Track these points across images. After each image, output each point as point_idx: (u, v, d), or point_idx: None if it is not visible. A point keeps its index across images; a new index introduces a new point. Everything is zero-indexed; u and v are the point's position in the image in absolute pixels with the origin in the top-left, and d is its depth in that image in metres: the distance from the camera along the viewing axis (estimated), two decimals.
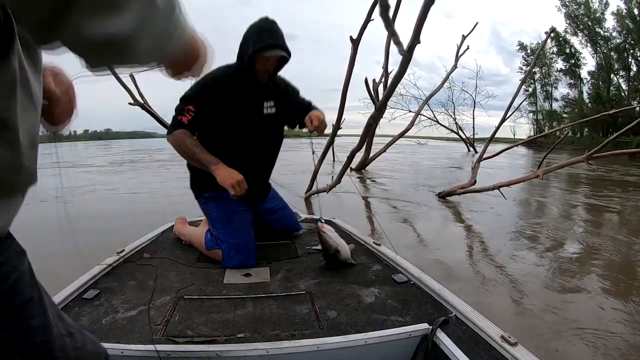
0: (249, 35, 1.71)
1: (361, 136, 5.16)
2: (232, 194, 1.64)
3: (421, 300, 1.34)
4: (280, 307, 1.31)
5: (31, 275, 0.60)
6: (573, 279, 2.87)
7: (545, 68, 38.22)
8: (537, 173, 4.91)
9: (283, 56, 1.76)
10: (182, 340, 1.08)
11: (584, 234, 4.27)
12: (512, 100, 6.56)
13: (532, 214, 5.44)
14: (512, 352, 0.96)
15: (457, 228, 4.60)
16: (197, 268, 1.69)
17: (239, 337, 1.11)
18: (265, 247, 1.89)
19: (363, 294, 1.40)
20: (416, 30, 3.59)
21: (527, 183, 6.53)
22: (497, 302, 2.48)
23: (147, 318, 1.19)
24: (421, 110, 11.95)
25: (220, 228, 1.78)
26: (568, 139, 32.71)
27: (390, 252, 1.76)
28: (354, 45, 5.00)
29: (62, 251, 2.56)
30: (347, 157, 5.55)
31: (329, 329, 1.16)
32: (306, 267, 1.68)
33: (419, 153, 19.81)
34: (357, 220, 4.58)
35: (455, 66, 10.40)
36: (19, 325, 0.57)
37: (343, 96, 5.46)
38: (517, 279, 2.82)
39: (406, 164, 13.46)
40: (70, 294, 1.32)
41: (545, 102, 39.75)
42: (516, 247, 3.70)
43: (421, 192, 7.12)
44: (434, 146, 27.69)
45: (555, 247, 3.73)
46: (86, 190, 7.04)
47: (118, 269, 1.61)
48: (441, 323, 1.12)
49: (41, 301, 0.61)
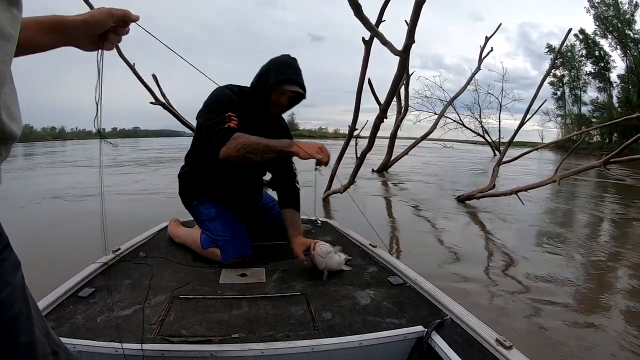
0: (270, 66, 1.74)
1: (370, 136, 5.20)
2: (320, 159, 1.51)
3: (416, 302, 1.34)
4: (276, 307, 1.31)
5: (22, 289, 0.58)
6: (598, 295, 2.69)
7: (574, 71, 37.36)
8: (554, 178, 4.83)
9: (300, 94, 1.78)
10: (176, 340, 1.08)
11: (608, 243, 4.08)
12: (531, 103, 6.40)
13: (551, 220, 5.29)
14: (507, 355, 0.96)
15: (469, 232, 4.55)
16: (192, 267, 1.69)
17: (233, 337, 1.11)
18: (261, 248, 1.88)
19: (358, 296, 1.40)
20: (410, 30, 3.55)
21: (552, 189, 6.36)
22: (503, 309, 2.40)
23: (142, 317, 1.19)
24: (444, 112, 11.87)
25: (213, 226, 1.80)
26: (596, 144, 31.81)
27: (386, 254, 1.77)
28: (367, 46, 4.98)
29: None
30: (359, 158, 5.55)
31: (324, 330, 1.16)
32: (302, 268, 1.68)
33: (444, 156, 19.71)
34: (364, 220, 4.47)
35: (478, 68, 10.28)
36: (4, 344, 0.54)
37: (358, 98, 5.47)
38: (531, 293, 2.67)
39: (430, 167, 13.45)
40: (65, 291, 1.31)
41: (573, 106, 38.84)
42: (530, 254, 3.59)
43: (441, 195, 7.12)
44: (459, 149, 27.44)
45: (575, 256, 3.55)
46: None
47: (114, 267, 1.61)
48: (436, 325, 1.13)
49: (29, 316, 0.59)
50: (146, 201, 5.98)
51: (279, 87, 1.72)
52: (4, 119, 0.46)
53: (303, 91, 1.78)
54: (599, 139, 34.72)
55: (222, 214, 1.85)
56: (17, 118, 0.49)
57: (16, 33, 0.47)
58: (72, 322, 1.14)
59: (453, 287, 2.67)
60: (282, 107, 1.83)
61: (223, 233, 1.75)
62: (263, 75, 1.74)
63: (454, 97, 11.72)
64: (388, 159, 10.62)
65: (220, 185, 1.87)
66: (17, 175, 9.95)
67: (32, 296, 0.62)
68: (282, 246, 1.97)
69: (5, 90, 0.47)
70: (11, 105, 0.48)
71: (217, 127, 1.60)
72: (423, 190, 7.65)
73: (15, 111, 0.49)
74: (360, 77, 5.24)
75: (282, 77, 1.70)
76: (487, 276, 2.99)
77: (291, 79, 1.72)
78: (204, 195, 1.89)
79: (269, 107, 1.79)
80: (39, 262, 2.74)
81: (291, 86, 1.73)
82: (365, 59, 5.11)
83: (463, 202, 6.09)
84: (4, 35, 0.44)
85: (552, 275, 2.96)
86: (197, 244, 1.81)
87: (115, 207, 5.14)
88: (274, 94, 1.75)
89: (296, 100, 1.84)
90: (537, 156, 18.33)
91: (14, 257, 0.57)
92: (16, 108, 0.50)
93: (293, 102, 1.86)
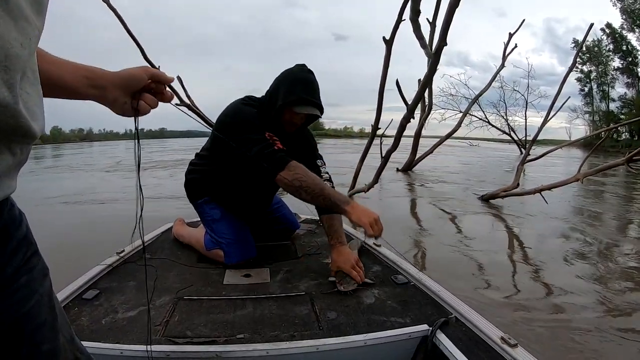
0: (282, 82, 1.60)
1: (395, 136, 5.21)
2: (369, 234, 1.43)
3: (421, 301, 1.34)
4: (280, 307, 1.31)
5: (49, 296, 0.57)
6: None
7: (602, 67, 36.24)
8: (577, 177, 4.78)
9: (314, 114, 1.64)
10: (181, 341, 1.08)
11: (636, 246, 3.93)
12: (555, 99, 6.31)
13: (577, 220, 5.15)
14: (512, 354, 0.96)
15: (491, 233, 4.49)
16: (197, 268, 1.69)
17: (238, 337, 1.11)
18: (265, 248, 1.88)
19: (363, 295, 1.40)
20: (442, 33, 3.58)
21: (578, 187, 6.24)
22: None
23: (146, 318, 1.17)
24: (469, 110, 11.74)
25: (217, 228, 1.78)
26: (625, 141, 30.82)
27: (390, 253, 1.76)
28: (388, 46, 4.99)
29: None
30: (383, 157, 5.57)
31: (329, 330, 1.16)
32: (306, 268, 1.68)
33: (470, 155, 19.45)
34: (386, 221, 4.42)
35: (502, 65, 10.04)
36: (29, 352, 0.53)
37: (380, 98, 5.49)
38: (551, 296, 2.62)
39: (455, 165, 13.29)
40: (70, 294, 1.32)
41: (601, 103, 37.63)
42: (554, 255, 3.52)
43: (466, 193, 7.05)
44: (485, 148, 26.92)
45: (601, 261, 3.38)
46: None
47: (118, 269, 1.61)
48: (441, 324, 1.12)
49: (54, 324, 0.58)
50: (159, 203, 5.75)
51: (290, 109, 1.59)
52: (22, 111, 0.43)
53: (319, 110, 1.63)
54: (627, 136, 33.64)
55: (227, 215, 1.82)
56: (38, 119, 0.47)
57: (40, 23, 0.46)
58: (77, 325, 1.15)
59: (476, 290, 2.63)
60: (297, 126, 1.68)
61: (227, 235, 1.73)
62: (273, 94, 1.61)
63: (479, 95, 11.54)
64: (413, 158, 10.57)
65: (234, 195, 1.82)
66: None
67: (59, 301, 0.61)
68: (286, 246, 1.98)
69: (28, 91, 0.45)
70: (33, 105, 0.46)
71: (268, 149, 1.49)
72: (447, 189, 7.54)
73: (37, 111, 0.47)
74: (382, 76, 5.25)
75: (291, 98, 1.55)
76: (511, 283, 2.89)
77: (302, 99, 1.56)
78: (209, 195, 1.85)
79: (283, 127, 1.66)
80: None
81: (303, 108, 1.58)
82: (386, 58, 5.13)
83: (487, 201, 6.04)
84: (23, 17, 0.41)
85: (576, 281, 2.85)
86: (200, 244, 1.81)
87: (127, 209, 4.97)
88: (286, 114, 1.61)
89: (314, 117, 1.69)
90: (565, 154, 17.91)
91: (42, 263, 0.57)
92: (38, 109, 0.48)
93: (310, 119, 1.74)
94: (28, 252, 0.53)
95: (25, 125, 0.43)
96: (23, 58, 0.41)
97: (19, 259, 0.51)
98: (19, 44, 0.40)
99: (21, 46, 0.41)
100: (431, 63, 3.96)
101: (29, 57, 0.44)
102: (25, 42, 0.42)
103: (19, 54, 0.40)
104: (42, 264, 0.56)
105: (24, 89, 0.44)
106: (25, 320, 0.52)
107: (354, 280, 1.45)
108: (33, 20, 0.43)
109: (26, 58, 0.42)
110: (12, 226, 0.51)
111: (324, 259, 1.77)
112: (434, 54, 3.67)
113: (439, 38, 3.52)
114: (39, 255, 0.55)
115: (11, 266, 0.50)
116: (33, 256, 0.54)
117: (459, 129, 10.90)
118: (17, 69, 0.41)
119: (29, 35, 0.42)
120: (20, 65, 0.41)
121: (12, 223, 0.51)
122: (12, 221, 0.51)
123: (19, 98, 0.41)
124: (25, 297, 0.52)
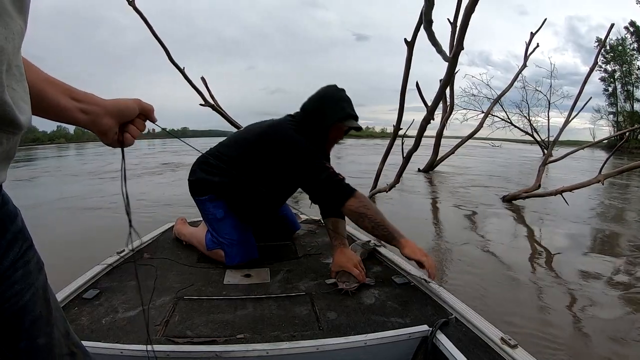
0: (326, 102, 1.69)
1: (416, 137, 5.23)
2: (423, 260, 1.44)
3: (421, 301, 1.34)
4: (280, 308, 1.31)
5: (45, 290, 0.58)
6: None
7: (626, 66, 35.29)
8: (598, 178, 4.76)
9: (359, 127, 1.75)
10: (181, 341, 1.08)
11: None
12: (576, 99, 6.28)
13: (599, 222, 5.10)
14: (512, 354, 0.96)
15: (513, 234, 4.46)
16: (197, 268, 1.70)
17: (238, 337, 1.11)
18: (265, 248, 1.88)
19: (363, 296, 1.40)
20: (459, 37, 3.61)
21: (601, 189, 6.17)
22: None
23: (146, 318, 1.17)
24: (490, 110, 11.65)
25: (219, 227, 1.77)
26: None
27: (390, 253, 1.76)
28: (409, 48, 5.01)
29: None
30: (405, 157, 5.62)
31: (329, 330, 1.16)
32: (306, 268, 1.68)
33: (492, 155, 19.20)
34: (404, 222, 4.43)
35: (524, 65, 9.99)
36: (26, 346, 0.54)
37: (402, 98, 5.46)
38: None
39: (477, 166, 13.18)
40: (70, 293, 1.32)
41: (626, 103, 36.60)
42: (576, 258, 3.46)
43: (487, 194, 7.00)
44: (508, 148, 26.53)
45: (622, 262, 3.32)
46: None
47: (118, 269, 1.61)
48: (441, 325, 1.12)
49: (49, 318, 0.59)
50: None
51: (340, 125, 1.68)
52: (8, 101, 0.43)
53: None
54: None
55: (230, 214, 1.80)
56: (24, 112, 0.47)
57: (22, 21, 0.46)
58: (77, 324, 1.15)
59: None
60: (337, 143, 1.80)
61: (229, 236, 1.73)
62: (318, 114, 1.69)
63: (500, 95, 11.47)
64: (434, 158, 10.52)
65: (250, 202, 1.79)
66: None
67: (54, 295, 0.62)
68: (286, 246, 1.98)
69: (14, 87, 0.45)
70: (19, 99, 0.46)
71: (335, 177, 1.57)
72: (469, 190, 7.47)
73: (23, 105, 0.47)
74: (404, 77, 5.25)
75: (341, 115, 1.66)
76: (535, 287, 2.80)
77: (351, 115, 1.68)
78: (214, 193, 1.79)
79: (325, 146, 1.75)
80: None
81: (351, 122, 1.69)
82: (408, 59, 5.12)
83: (509, 202, 6.03)
84: (6, 12, 0.42)
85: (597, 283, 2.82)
86: (202, 244, 1.81)
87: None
88: (332, 132, 1.71)
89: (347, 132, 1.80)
90: (588, 155, 17.52)
91: (37, 257, 0.57)
92: (25, 103, 0.47)
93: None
94: (24, 245, 0.54)
95: (10, 114, 0.43)
96: (7, 51, 0.42)
97: (15, 252, 0.52)
98: (4, 37, 0.41)
99: (5, 39, 0.41)
100: (448, 67, 3.98)
101: (14, 52, 0.44)
102: (10, 36, 0.42)
103: (3, 46, 0.41)
104: (37, 258, 0.57)
105: (10, 85, 0.44)
106: (23, 314, 0.53)
107: (355, 279, 1.47)
108: (15, 16, 0.44)
109: (10, 52, 0.43)
110: (7, 219, 0.52)
111: (324, 259, 1.78)
112: (452, 58, 3.70)
113: (456, 43, 3.55)
114: (34, 249, 0.56)
115: (8, 259, 0.51)
116: (29, 250, 0.55)
117: (480, 130, 10.88)
118: (2, 61, 0.41)
119: (12, 30, 0.43)
120: (4, 57, 0.42)
121: (8, 217, 0.52)
122: (7, 215, 0.52)
123: (4, 87, 0.42)
124: (22, 290, 0.53)
